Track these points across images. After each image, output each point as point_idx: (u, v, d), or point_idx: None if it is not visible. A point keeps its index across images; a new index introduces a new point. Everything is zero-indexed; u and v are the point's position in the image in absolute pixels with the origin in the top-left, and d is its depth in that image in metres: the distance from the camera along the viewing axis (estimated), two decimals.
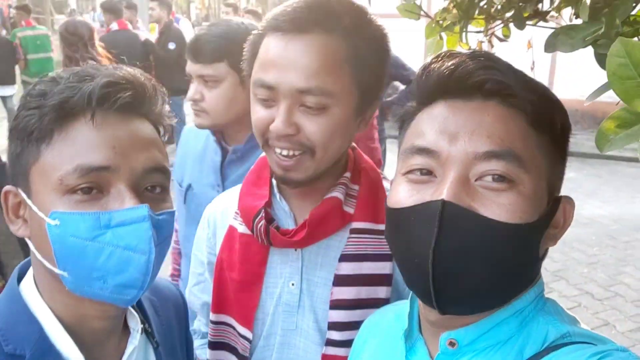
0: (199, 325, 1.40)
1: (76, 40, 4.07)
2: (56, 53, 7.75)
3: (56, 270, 0.79)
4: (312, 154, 1.03)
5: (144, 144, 0.82)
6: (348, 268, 1.10)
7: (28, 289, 0.85)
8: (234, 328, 1.19)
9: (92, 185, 0.77)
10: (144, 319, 0.97)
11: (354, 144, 1.22)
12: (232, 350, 1.20)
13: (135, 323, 0.94)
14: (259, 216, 1.11)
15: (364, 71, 1.03)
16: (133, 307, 0.95)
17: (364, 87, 1.04)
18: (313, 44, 0.97)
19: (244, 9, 8.40)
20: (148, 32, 7.54)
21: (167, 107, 0.91)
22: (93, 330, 0.86)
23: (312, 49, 0.97)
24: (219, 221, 1.26)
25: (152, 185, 0.83)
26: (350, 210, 1.12)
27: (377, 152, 3.88)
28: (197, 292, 1.34)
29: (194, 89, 1.77)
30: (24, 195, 0.81)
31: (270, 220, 1.13)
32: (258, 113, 1.04)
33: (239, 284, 1.17)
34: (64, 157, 0.77)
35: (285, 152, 1.03)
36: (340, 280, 1.10)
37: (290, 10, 0.99)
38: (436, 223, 0.71)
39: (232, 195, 1.26)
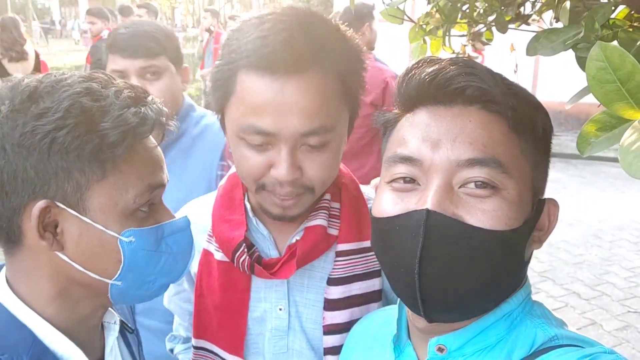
0: (179, 329, 1.37)
1: (7, 30, 5.59)
2: None
3: (108, 281, 0.84)
4: (312, 191, 1.00)
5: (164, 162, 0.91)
6: (338, 292, 1.08)
7: (6, 299, 0.85)
8: (217, 355, 1.15)
9: (150, 203, 0.86)
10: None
11: None
12: None
13: (110, 317, 0.99)
14: (240, 250, 1.05)
15: (352, 92, 1.00)
16: None
17: (352, 107, 1.02)
18: (310, 84, 0.91)
19: (228, 16, 8.37)
20: None
21: None
22: (87, 328, 0.91)
23: (310, 89, 0.91)
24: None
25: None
26: (334, 232, 1.09)
27: None
28: (179, 301, 1.30)
29: None
30: (73, 212, 0.80)
31: (249, 246, 1.08)
32: (251, 159, 0.96)
33: (223, 312, 1.13)
34: (134, 179, 0.83)
35: (288, 196, 0.98)
36: (332, 305, 1.08)
37: (278, 47, 0.89)
38: (421, 232, 0.70)
39: (201, 209, 1.20)
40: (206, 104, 8.80)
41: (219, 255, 1.12)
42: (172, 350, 1.39)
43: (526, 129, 0.76)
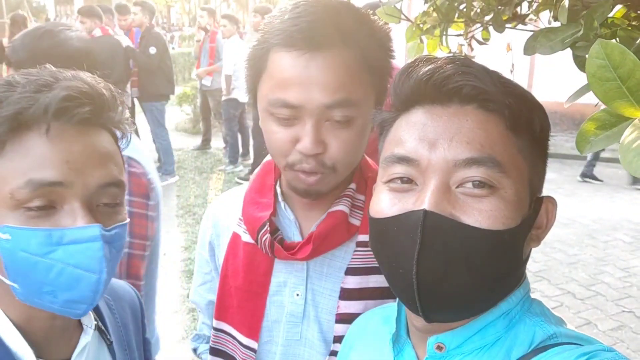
0: (204, 328, 1.39)
1: (16, 25, 7.13)
2: None
3: (6, 281, 0.79)
4: (334, 170, 1.03)
5: (100, 159, 0.81)
6: (354, 282, 1.10)
7: None
8: (234, 337, 1.18)
9: (44, 201, 0.76)
10: (98, 317, 0.98)
11: None
12: (231, 358, 1.19)
13: (88, 320, 0.94)
14: (264, 229, 1.10)
15: (377, 76, 1.03)
16: None
17: (378, 91, 1.05)
18: (335, 60, 0.96)
19: (222, 15, 8.34)
20: (127, 38, 7.46)
21: (127, 114, 0.90)
22: (43, 328, 0.87)
23: (334, 64, 0.96)
24: (223, 223, 1.26)
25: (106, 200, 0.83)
26: (356, 222, 1.11)
27: None
28: (203, 292, 1.34)
29: None
30: None
31: (274, 230, 1.12)
32: (278, 134, 1.01)
33: (244, 293, 1.16)
34: (15, 170, 0.75)
35: (312, 171, 1.02)
36: (347, 294, 1.10)
37: (305, 26, 0.96)
38: (418, 233, 0.70)
39: (236, 197, 1.25)
40: (202, 103, 8.80)
41: (246, 237, 1.16)
42: (195, 350, 1.40)
43: (523, 127, 0.76)
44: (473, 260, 0.71)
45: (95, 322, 0.96)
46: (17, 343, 0.83)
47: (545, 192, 0.80)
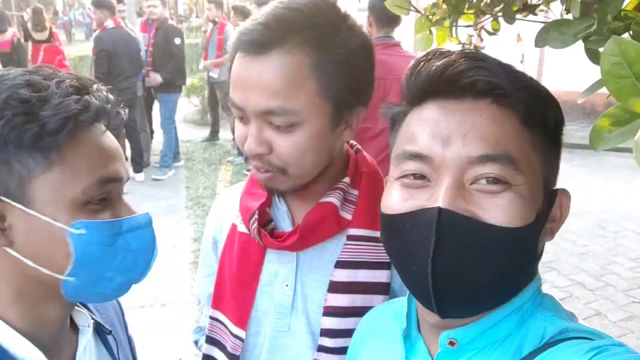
0: (206, 321, 1.39)
1: (36, 14, 9.15)
2: None
3: (59, 276, 0.82)
4: (284, 172, 1.02)
5: (121, 156, 0.89)
6: (343, 275, 1.10)
7: None
8: (225, 326, 1.20)
9: (105, 196, 0.83)
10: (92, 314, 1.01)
11: (358, 147, 1.21)
12: (222, 347, 1.21)
13: (84, 319, 0.98)
14: (253, 217, 1.12)
15: (334, 82, 0.98)
16: (79, 306, 0.99)
17: (337, 97, 1.00)
18: (272, 65, 0.95)
19: (231, 6, 8.31)
20: (138, 31, 7.44)
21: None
22: (52, 331, 0.89)
23: (271, 69, 0.95)
24: (225, 217, 1.28)
25: None
26: (347, 216, 1.11)
27: None
28: (206, 284, 1.35)
29: None
30: (17, 205, 0.78)
31: (268, 221, 1.14)
32: (239, 129, 1.05)
33: (236, 282, 1.18)
34: (82, 169, 0.80)
35: (261, 169, 1.03)
36: (335, 287, 1.10)
37: (250, 29, 0.97)
38: (433, 232, 0.70)
39: (239, 190, 1.27)
40: (210, 95, 8.80)
41: (241, 227, 1.18)
42: (196, 342, 1.42)
43: (538, 122, 0.75)
44: (489, 258, 0.70)
45: (92, 320, 0.98)
46: (23, 348, 0.83)
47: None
